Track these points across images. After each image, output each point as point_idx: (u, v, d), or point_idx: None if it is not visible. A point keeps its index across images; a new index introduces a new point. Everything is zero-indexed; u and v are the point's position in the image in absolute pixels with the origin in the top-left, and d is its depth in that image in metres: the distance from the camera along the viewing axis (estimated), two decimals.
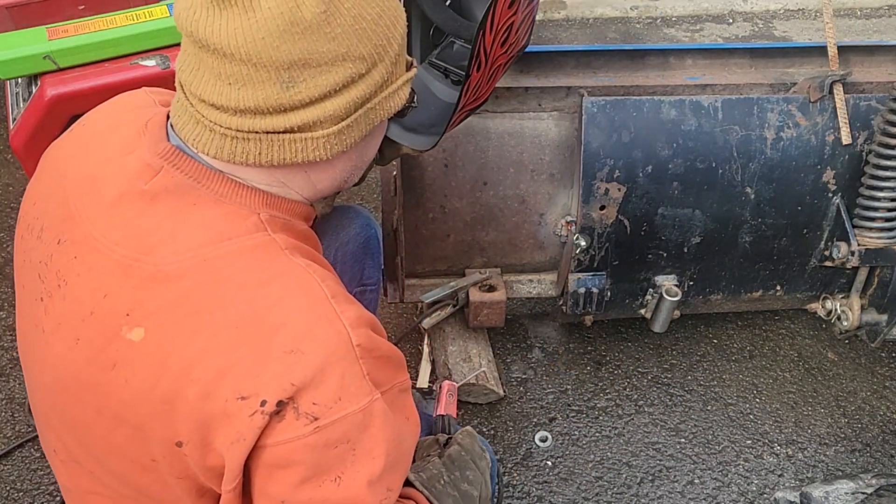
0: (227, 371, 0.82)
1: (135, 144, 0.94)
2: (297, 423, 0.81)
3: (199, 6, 0.83)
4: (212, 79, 0.85)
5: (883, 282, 1.93)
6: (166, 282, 0.85)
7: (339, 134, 0.90)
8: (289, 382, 0.81)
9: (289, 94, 0.84)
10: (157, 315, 0.85)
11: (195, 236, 0.87)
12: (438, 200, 1.84)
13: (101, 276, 0.89)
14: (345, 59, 0.86)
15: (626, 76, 1.87)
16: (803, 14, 4.15)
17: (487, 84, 1.36)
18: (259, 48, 0.82)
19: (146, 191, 0.89)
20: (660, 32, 3.94)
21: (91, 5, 1.93)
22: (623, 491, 1.88)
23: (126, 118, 1.00)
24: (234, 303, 0.84)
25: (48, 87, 1.83)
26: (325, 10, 0.83)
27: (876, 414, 2.08)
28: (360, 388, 0.84)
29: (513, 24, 1.29)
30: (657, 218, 1.83)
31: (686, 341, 2.26)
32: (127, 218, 0.89)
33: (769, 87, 1.87)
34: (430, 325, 1.96)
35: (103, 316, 0.88)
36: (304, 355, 0.82)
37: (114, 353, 0.87)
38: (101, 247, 0.89)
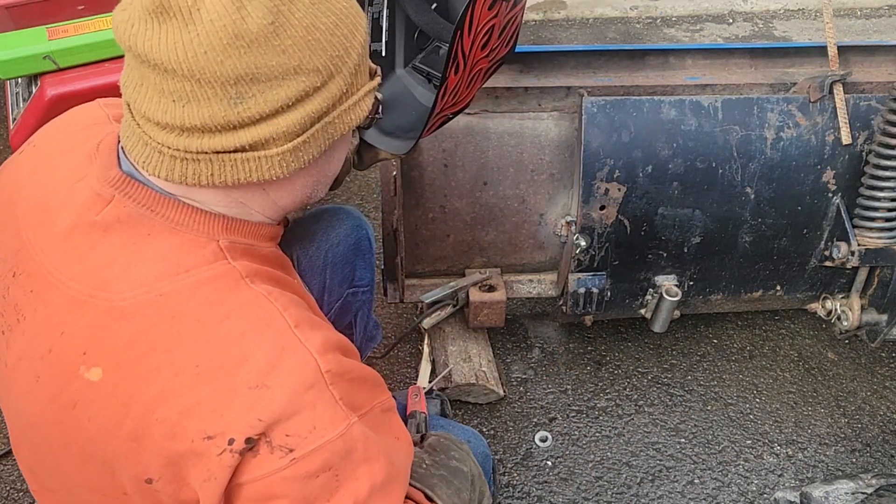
0: (191, 411, 0.79)
1: (85, 170, 0.90)
2: (272, 458, 0.79)
3: (137, 18, 0.78)
4: (156, 96, 0.80)
5: (883, 282, 1.93)
6: (121, 319, 0.82)
7: (295, 151, 0.85)
8: (255, 419, 0.78)
9: (237, 110, 0.79)
10: (113, 354, 0.82)
11: (150, 270, 0.83)
12: (438, 200, 1.84)
13: (57, 312, 0.85)
14: (297, 73, 0.81)
15: (626, 76, 1.87)
16: (803, 14, 4.15)
17: (467, 89, 1.31)
18: (202, 63, 0.77)
19: (98, 222, 0.85)
20: (660, 32, 3.94)
21: (91, 5, 1.93)
22: (623, 491, 1.88)
23: (77, 139, 0.96)
24: (194, 340, 0.81)
25: (48, 87, 1.83)
26: (273, 22, 0.78)
27: (876, 414, 2.08)
28: (335, 414, 0.81)
29: (494, 27, 1.23)
30: (657, 218, 1.83)
31: (686, 341, 2.26)
32: (80, 251, 0.85)
33: (769, 87, 1.87)
34: (430, 325, 1.96)
35: (61, 354, 0.85)
36: (269, 390, 0.79)
37: (74, 392, 0.84)
38: (55, 281, 0.86)
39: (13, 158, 1.01)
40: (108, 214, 0.85)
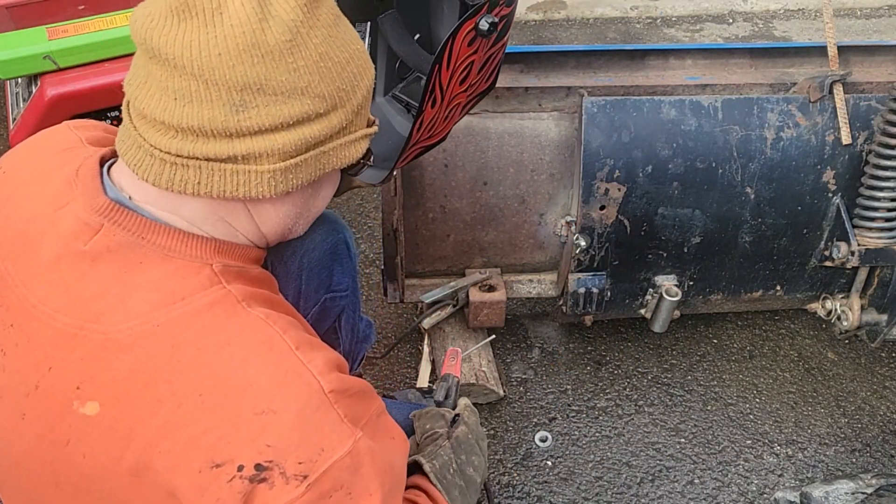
0: (197, 440, 0.78)
1: (66, 197, 0.87)
2: (288, 488, 0.78)
3: (159, 14, 0.79)
4: (158, 93, 0.80)
5: (883, 282, 1.93)
6: (118, 352, 0.80)
7: (286, 172, 0.84)
8: (264, 444, 0.78)
9: (237, 118, 0.79)
10: (111, 387, 0.80)
11: (145, 300, 0.82)
12: (438, 200, 1.84)
13: (42, 346, 0.83)
14: (303, 94, 0.82)
15: (626, 76, 1.87)
16: (803, 14, 4.15)
17: (444, 122, 1.30)
18: (213, 64, 0.77)
19: (86, 252, 0.83)
20: (660, 32, 3.94)
21: (91, 5, 1.93)
22: (623, 491, 1.88)
23: (51, 164, 0.93)
24: (196, 369, 0.79)
25: (48, 87, 1.83)
26: (291, 40, 0.80)
27: (876, 414, 2.08)
28: (342, 433, 0.81)
29: (473, 63, 1.23)
30: (657, 218, 1.83)
31: (686, 341, 2.26)
32: (67, 282, 0.83)
33: (769, 87, 1.87)
34: (430, 325, 1.96)
35: (50, 390, 0.82)
36: (276, 414, 0.78)
37: (67, 429, 0.82)
38: (40, 314, 0.83)
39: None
40: (97, 243, 0.83)
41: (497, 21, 1.18)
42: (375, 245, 2.52)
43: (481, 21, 1.15)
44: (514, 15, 1.27)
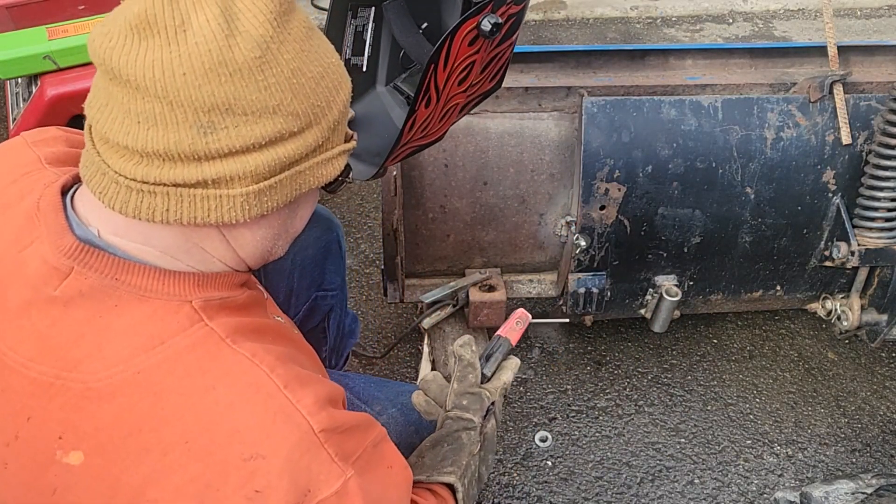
0: (184, 488, 0.76)
1: (30, 235, 0.83)
2: None
3: (118, 33, 0.74)
4: (120, 115, 0.76)
5: (883, 282, 1.93)
6: (99, 401, 0.77)
7: (259, 194, 0.80)
8: (253, 490, 0.75)
9: (205, 140, 0.75)
10: (94, 437, 0.78)
11: (123, 346, 0.78)
12: (438, 200, 1.84)
13: (18, 396, 0.80)
14: (275, 113, 0.77)
15: (626, 76, 1.87)
16: (803, 14, 4.16)
17: (440, 122, 1.24)
18: (178, 84, 0.73)
19: (57, 297, 0.79)
20: (660, 32, 3.94)
21: (91, 5, 1.93)
22: (623, 491, 1.88)
23: (9, 195, 0.88)
24: (180, 416, 0.77)
25: (48, 87, 1.83)
26: (261, 56, 0.76)
27: (876, 414, 2.08)
28: (330, 472, 0.79)
29: (475, 63, 1.16)
30: (657, 218, 1.83)
31: (686, 341, 2.26)
32: (38, 329, 0.80)
33: (769, 87, 1.87)
34: (430, 325, 1.96)
35: (31, 440, 0.80)
36: (265, 459, 0.76)
37: (52, 478, 0.79)
38: (12, 363, 0.80)
39: None
40: (68, 288, 0.79)
41: (501, 21, 1.11)
42: (375, 245, 2.52)
43: (483, 21, 1.09)
44: (524, 13, 1.20)
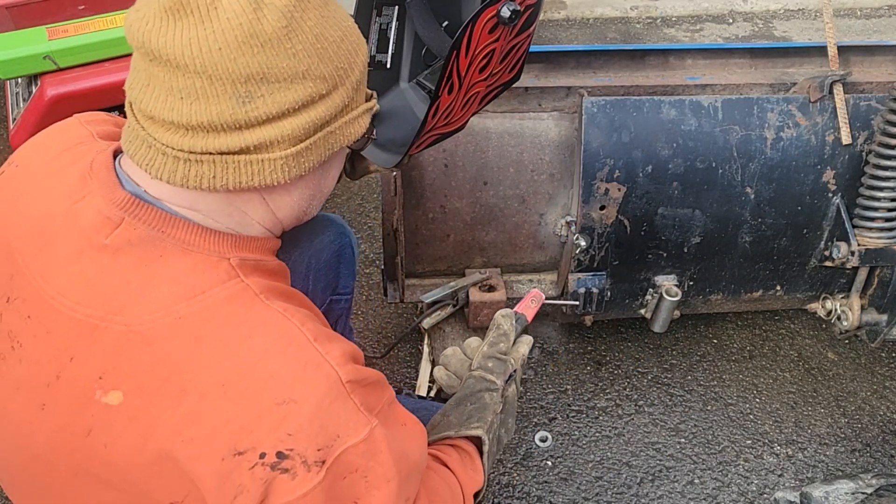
0: (220, 429, 0.80)
1: (82, 191, 0.89)
2: (309, 475, 0.80)
3: (153, 16, 0.79)
4: (163, 94, 0.81)
5: (883, 282, 1.93)
6: (141, 343, 0.82)
7: (297, 156, 0.86)
8: (285, 433, 0.80)
9: (245, 109, 0.81)
10: (134, 378, 0.82)
11: (166, 293, 0.83)
12: (438, 200, 1.84)
13: (63, 337, 0.84)
14: (304, 78, 0.83)
15: (626, 76, 1.87)
16: (803, 14, 4.16)
17: (462, 110, 1.28)
18: (215, 59, 0.78)
19: (107, 245, 0.85)
20: (660, 32, 3.94)
21: (91, 5, 1.93)
22: (623, 491, 1.88)
23: (64, 160, 0.94)
24: (218, 361, 0.82)
25: (48, 87, 1.83)
26: (287, 25, 0.81)
27: (876, 414, 2.08)
28: (358, 421, 0.84)
29: (495, 51, 1.20)
30: (657, 218, 1.83)
31: (686, 341, 2.26)
32: (88, 275, 0.85)
33: (769, 87, 1.87)
34: (430, 325, 1.96)
35: (72, 380, 0.84)
36: (297, 404, 0.80)
37: (89, 418, 0.83)
38: (60, 306, 0.85)
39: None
40: (118, 237, 0.85)
41: (520, 9, 1.14)
42: (375, 245, 2.52)
43: (503, 8, 1.12)
44: (541, 4, 1.23)
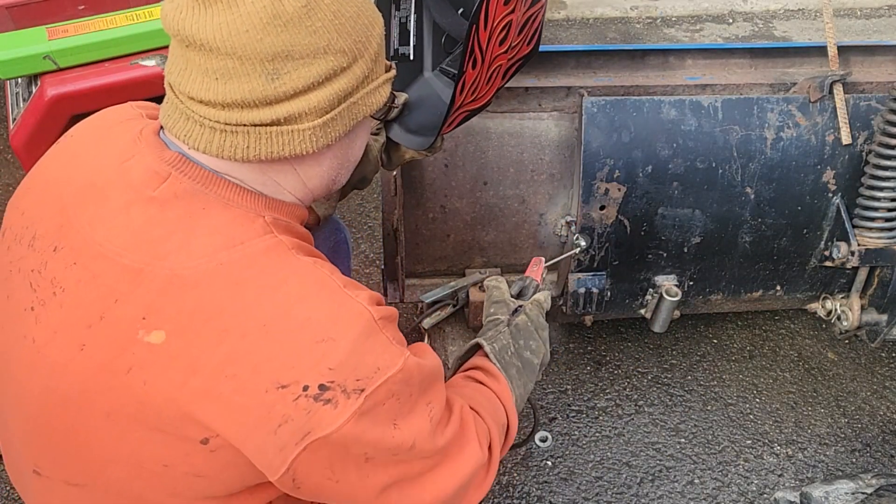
0: (263, 366, 0.85)
1: (131, 151, 0.95)
2: (349, 402, 0.86)
3: (185, 6, 0.86)
4: (199, 76, 0.88)
5: (883, 282, 1.93)
6: (184, 287, 0.87)
7: (324, 126, 0.93)
8: (326, 367, 0.86)
9: (274, 85, 0.87)
10: (177, 318, 0.87)
11: (208, 242, 0.89)
12: (438, 200, 1.84)
13: (108, 281, 0.89)
14: (326, 52, 0.89)
15: (626, 76, 1.87)
16: (803, 14, 4.16)
17: (487, 85, 1.32)
18: (244, 41, 0.85)
19: (155, 197, 0.91)
20: (660, 32, 3.94)
21: (91, 5, 1.93)
22: (623, 491, 1.88)
23: (116, 130, 1.02)
24: (259, 303, 0.87)
25: (48, 87, 1.83)
26: (306, 5, 0.87)
27: (876, 414, 2.08)
28: (392, 353, 0.90)
29: (511, 23, 1.24)
30: (657, 218, 1.83)
31: (686, 341, 2.26)
32: (135, 225, 0.90)
33: (769, 87, 1.87)
34: (430, 325, 1.96)
35: (115, 321, 0.88)
36: (335, 342, 0.87)
37: (130, 357, 0.87)
38: (107, 252, 0.90)
39: (51, 151, 1.07)
40: (165, 190, 0.91)
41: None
42: (375, 245, 2.52)
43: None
44: None
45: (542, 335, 1.33)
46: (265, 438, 0.86)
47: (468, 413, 1.08)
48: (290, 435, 0.86)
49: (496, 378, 1.21)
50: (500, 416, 1.16)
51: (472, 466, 1.02)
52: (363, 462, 0.90)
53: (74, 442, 0.94)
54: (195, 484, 0.91)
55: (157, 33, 1.90)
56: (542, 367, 1.31)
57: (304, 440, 0.86)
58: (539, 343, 1.31)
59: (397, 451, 0.92)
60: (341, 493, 0.93)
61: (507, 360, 1.25)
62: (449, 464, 0.99)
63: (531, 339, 1.31)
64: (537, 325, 1.34)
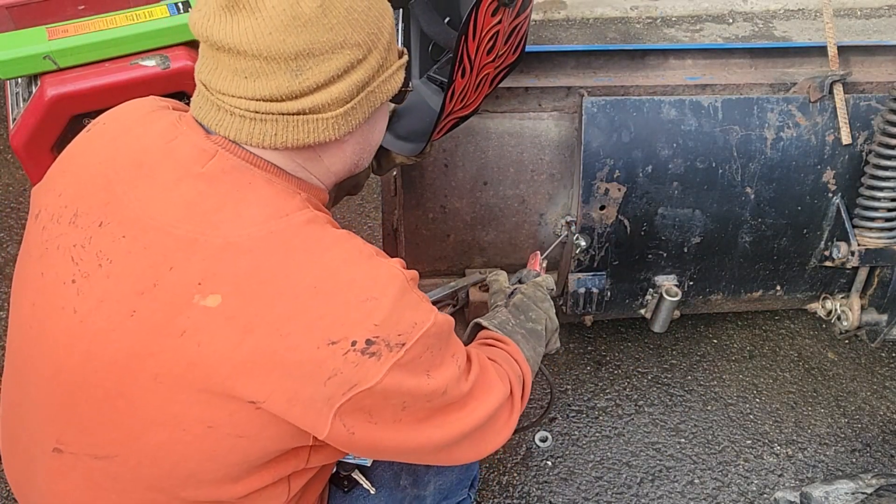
0: (314, 324, 0.92)
1: (174, 133, 1.02)
2: (391, 354, 0.94)
3: (212, 13, 0.94)
4: (229, 75, 0.96)
5: (883, 282, 1.93)
6: (238, 253, 0.94)
7: (346, 115, 1.00)
8: (372, 324, 0.93)
9: (298, 81, 0.95)
10: (233, 282, 0.93)
11: (257, 212, 0.96)
12: (438, 200, 1.84)
13: (161, 251, 0.95)
14: (343, 47, 0.96)
15: (626, 76, 1.87)
16: (803, 14, 4.16)
17: (475, 92, 1.37)
18: (268, 43, 0.92)
19: (204, 173, 0.98)
20: (660, 32, 3.94)
21: (91, 5, 1.93)
22: (623, 491, 1.88)
23: (152, 117, 1.08)
24: (308, 267, 0.95)
25: (48, 87, 1.83)
26: (321, 5, 0.93)
27: (876, 414, 2.08)
28: (425, 309, 0.99)
29: (499, 33, 1.29)
30: (657, 218, 1.83)
31: (686, 341, 2.26)
32: (186, 199, 0.97)
33: (769, 87, 1.87)
34: None
35: (170, 287, 0.94)
36: (378, 300, 0.94)
37: (184, 320, 0.92)
38: (159, 225, 0.96)
39: (81, 137, 1.12)
40: (213, 166, 0.98)
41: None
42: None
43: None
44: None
45: (542, 306, 1.41)
46: (315, 390, 0.92)
47: (486, 360, 1.17)
48: (337, 387, 0.92)
49: (504, 341, 1.29)
50: (514, 368, 1.24)
51: (498, 400, 1.11)
52: (400, 410, 0.98)
53: (113, 408, 0.97)
54: (235, 446, 0.96)
55: (158, 33, 1.89)
56: (548, 332, 1.39)
57: (350, 391, 0.93)
58: (539, 312, 1.39)
59: (431, 397, 1.00)
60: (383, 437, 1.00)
61: (510, 329, 1.33)
62: (475, 401, 1.08)
63: (530, 310, 1.39)
64: (535, 298, 1.42)
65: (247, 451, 0.98)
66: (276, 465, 1.03)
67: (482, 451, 1.12)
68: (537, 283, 1.48)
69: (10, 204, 2.65)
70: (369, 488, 1.34)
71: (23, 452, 1.10)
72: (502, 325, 1.34)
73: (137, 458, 0.99)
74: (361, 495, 1.34)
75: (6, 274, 2.39)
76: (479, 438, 1.11)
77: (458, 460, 1.12)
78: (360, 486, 1.34)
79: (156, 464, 0.98)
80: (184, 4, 1.90)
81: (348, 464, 1.32)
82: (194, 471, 0.99)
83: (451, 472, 1.42)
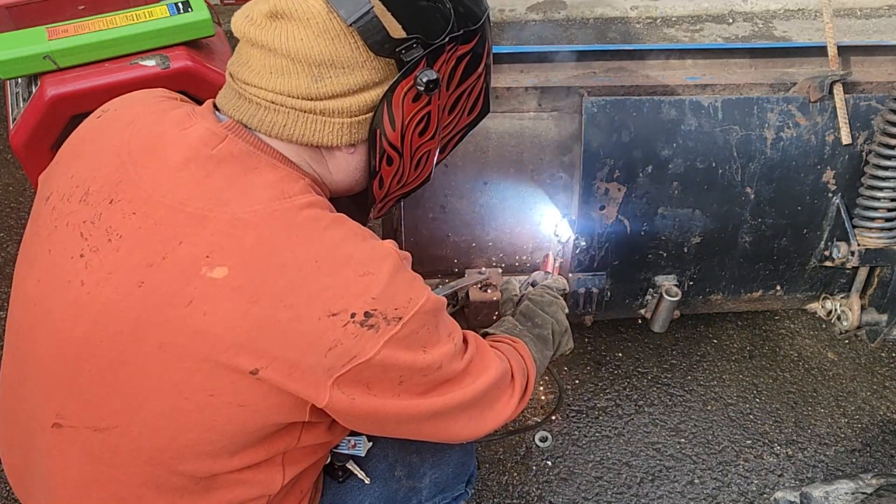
0: (317, 296, 0.97)
1: (189, 121, 1.07)
2: (388, 328, 0.98)
3: (257, 18, 1.03)
4: (257, 69, 1.04)
5: (883, 282, 1.93)
6: (245, 227, 0.98)
7: (352, 125, 1.07)
8: (370, 297, 0.98)
9: (316, 86, 1.03)
10: (240, 255, 0.97)
11: (263, 193, 1.01)
12: (438, 200, 1.84)
13: (171, 226, 0.99)
14: (363, 67, 1.04)
15: (626, 76, 1.87)
16: (803, 14, 4.16)
17: (417, 171, 1.24)
18: (298, 46, 1.01)
19: (213, 155, 1.03)
20: (660, 32, 3.94)
21: (91, 5, 1.93)
22: (623, 491, 1.88)
23: (164, 105, 1.13)
24: (311, 243, 0.99)
25: (48, 87, 1.83)
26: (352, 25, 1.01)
27: (876, 414, 2.08)
28: (420, 288, 1.04)
29: (431, 113, 1.14)
30: (657, 218, 1.83)
31: (686, 341, 2.26)
32: (196, 179, 1.01)
33: (769, 87, 1.87)
34: None
35: (179, 259, 0.98)
36: (375, 275, 0.99)
37: (192, 290, 0.96)
38: (169, 203, 1.00)
39: (92, 121, 1.16)
40: (222, 149, 1.03)
41: (438, 77, 1.07)
42: None
43: (418, 79, 1.07)
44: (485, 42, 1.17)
45: (549, 310, 1.45)
46: (316, 360, 0.96)
47: (484, 343, 1.20)
48: (337, 358, 0.97)
49: (512, 339, 1.33)
50: (518, 360, 1.27)
51: (494, 376, 1.14)
52: (397, 384, 1.03)
53: (116, 377, 1.00)
54: (235, 416, 1.00)
55: (158, 33, 1.89)
56: (555, 336, 1.43)
57: (350, 363, 0.97)
58: (545, 317, 1.43)
59: (427, 371, 1.04)
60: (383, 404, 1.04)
61: (517, 334, 1.36)
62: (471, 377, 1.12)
63: (536, 317, 1.43)
64: (541, 304, 1.46)
65: (245, 421, 1.01)
66: (271, 442, 1.07)
67: (481, 428, 1.15)
68: (547, 286, 1.53)
69: (10, 204, 2.65)
70: (364, 479, 1.35)
71: (21, 434, 1.11)
72: (509, 332, 1.38)
73: (138, 428, 1.01)
74: (356, 486, 1.35)
75: (6, 274, 2.39)
76: (477, 415, 1.14)
77: (456, 436, 1.15)
78: (354, 477, 1.35)
79: (156, 434, 1.01)
80: (184, 4, 1.90)
81: (343, 454, 1.32)
82: (193, 441, 1.02)
83: (447, 465, 1.43)
